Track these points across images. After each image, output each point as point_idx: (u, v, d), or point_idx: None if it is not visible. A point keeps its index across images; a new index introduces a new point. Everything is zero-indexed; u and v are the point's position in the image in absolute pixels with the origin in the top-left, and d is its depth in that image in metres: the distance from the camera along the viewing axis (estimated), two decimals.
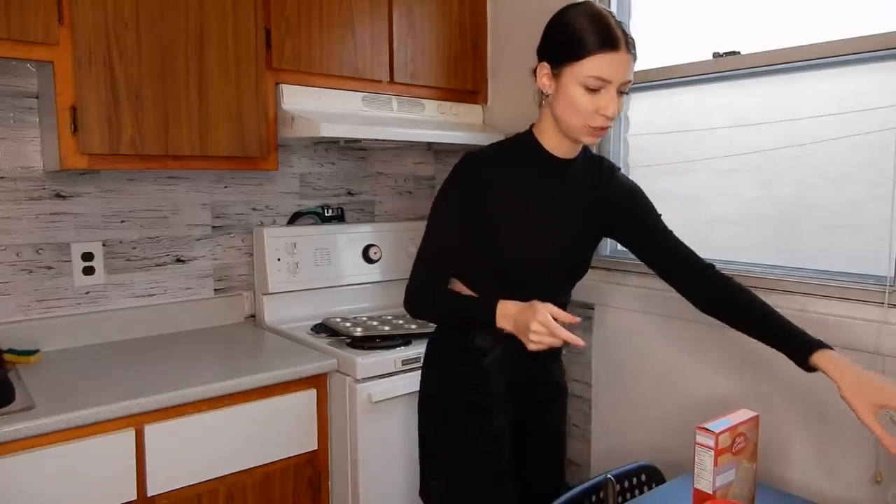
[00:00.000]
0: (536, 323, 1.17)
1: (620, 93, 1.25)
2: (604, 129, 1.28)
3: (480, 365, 1.38)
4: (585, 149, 1.42)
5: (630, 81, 1.25)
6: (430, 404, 1.46)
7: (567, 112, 1.27)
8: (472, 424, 1.39)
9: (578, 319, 1.19)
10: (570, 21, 1.26)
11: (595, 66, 1.21)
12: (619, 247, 2.04)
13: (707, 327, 1.76)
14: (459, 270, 1.39)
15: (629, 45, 1.23)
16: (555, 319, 1.17)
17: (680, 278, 1.40)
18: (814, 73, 1.61)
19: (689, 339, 1.80)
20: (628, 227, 1.44)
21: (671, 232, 1.42)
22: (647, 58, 1.97)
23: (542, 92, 1.32)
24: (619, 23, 1.25)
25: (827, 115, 1.57)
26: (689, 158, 1.86)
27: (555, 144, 1.35)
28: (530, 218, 1.34)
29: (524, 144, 1.38)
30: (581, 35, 1.23)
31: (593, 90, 1.23)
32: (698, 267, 1.39)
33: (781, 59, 1.62)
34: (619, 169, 1.47)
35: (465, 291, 1.38)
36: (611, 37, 1.21)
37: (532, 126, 1.39)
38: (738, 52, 1.71)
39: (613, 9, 2.04)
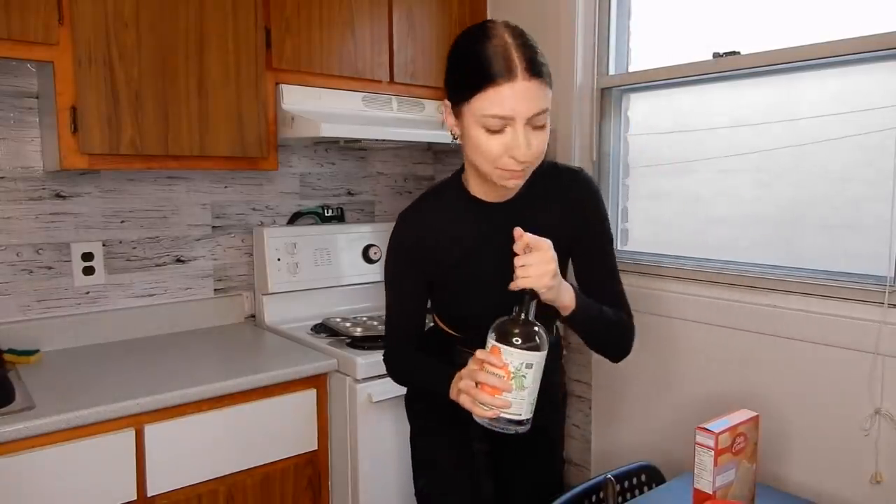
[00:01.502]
0: (459, 386, 1.09)
1: (537, 127, 1.04)
2: (522, 170, 1.07)
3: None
4: (535, 174, 1.14)
5: (545, 111, 1.04)
6: (408, 405, 1.47)
7: (475, 156, 1.08)
8: (440, 436, 1.38)
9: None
10: (461, 51, 1.07)
11: (489, 103, 1.01)
12: (619, 246, 2.05)
13: (707, 327, 1.76)
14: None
15: (532, 69, 1.01)
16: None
17: None
18: (814, 73, 1.61)
19: (689, 339, 1.80)
20: (578, 256, 1.25)
21: (613, 274, 1.25)
22: (648, 58, 1.98)
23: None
24: (523, 43, 1.03)
25: (827, 114, 1.57)
26: (690, 158, 1.86)
27: (483, 190, 1.18)
28: (472, 282, 1.22)
29: (453, 193, 1.22)
30: (470, 67, 1.03)
31: (496, 131, 1.03)
32: None
33: (781, 59, 1.62)
34: (581, 172, 1.25)
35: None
36: (502, 65, 1.00)
37: (462, 166, 1.21)
38: (738, 52, 1.71)
39: (613, 9, 2.02)
